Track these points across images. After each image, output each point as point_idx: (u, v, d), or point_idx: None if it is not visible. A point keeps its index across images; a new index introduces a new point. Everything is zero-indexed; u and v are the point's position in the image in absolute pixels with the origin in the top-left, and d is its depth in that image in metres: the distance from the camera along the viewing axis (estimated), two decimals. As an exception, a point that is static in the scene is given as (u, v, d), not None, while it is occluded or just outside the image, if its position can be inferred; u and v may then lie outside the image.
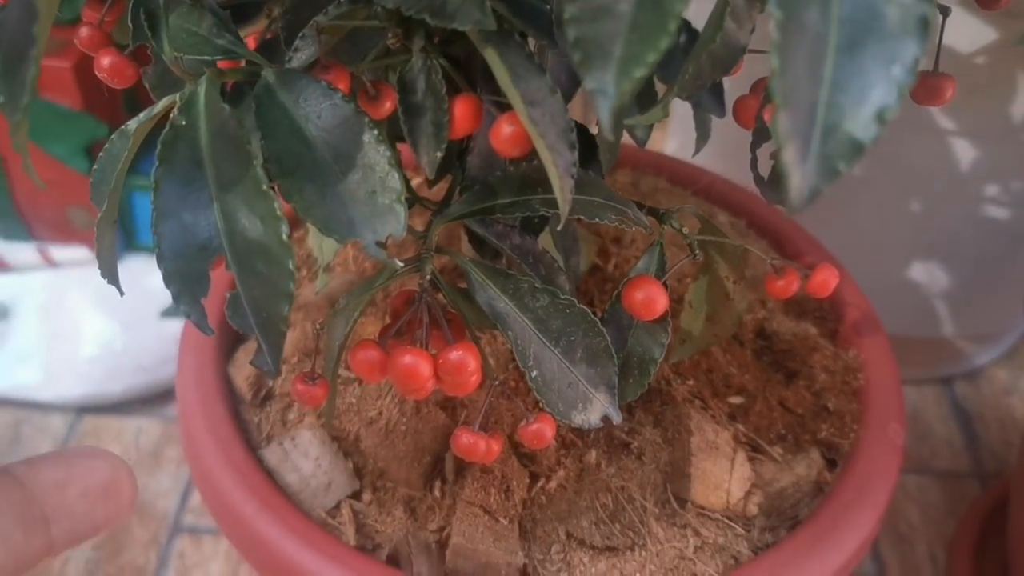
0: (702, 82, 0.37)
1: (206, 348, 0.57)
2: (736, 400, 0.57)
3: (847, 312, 0.63)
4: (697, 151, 0.60)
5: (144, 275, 0.90)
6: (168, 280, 0.32)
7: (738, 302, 0.50)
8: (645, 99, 0.48)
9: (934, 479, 0.96)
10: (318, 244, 0.56)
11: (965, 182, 0.83)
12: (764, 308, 0.63)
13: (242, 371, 0.57)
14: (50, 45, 0.89)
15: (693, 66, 0.35)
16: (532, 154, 0.37)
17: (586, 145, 0.48)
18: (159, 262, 0.32)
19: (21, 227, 0.95)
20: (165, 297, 0.92)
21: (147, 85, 0.41)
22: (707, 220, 0.46)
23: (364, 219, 0.34)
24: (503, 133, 0.34)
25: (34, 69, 0.28)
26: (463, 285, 0.47)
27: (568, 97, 0.43)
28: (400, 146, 0.40)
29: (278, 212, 0.32)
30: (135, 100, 0.93)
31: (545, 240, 0.47)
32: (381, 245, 0.34)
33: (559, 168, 0.34)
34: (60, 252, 0.95)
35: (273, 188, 0.33)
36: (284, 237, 0.32)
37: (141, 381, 0.93)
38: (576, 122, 0.37)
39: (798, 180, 0.25)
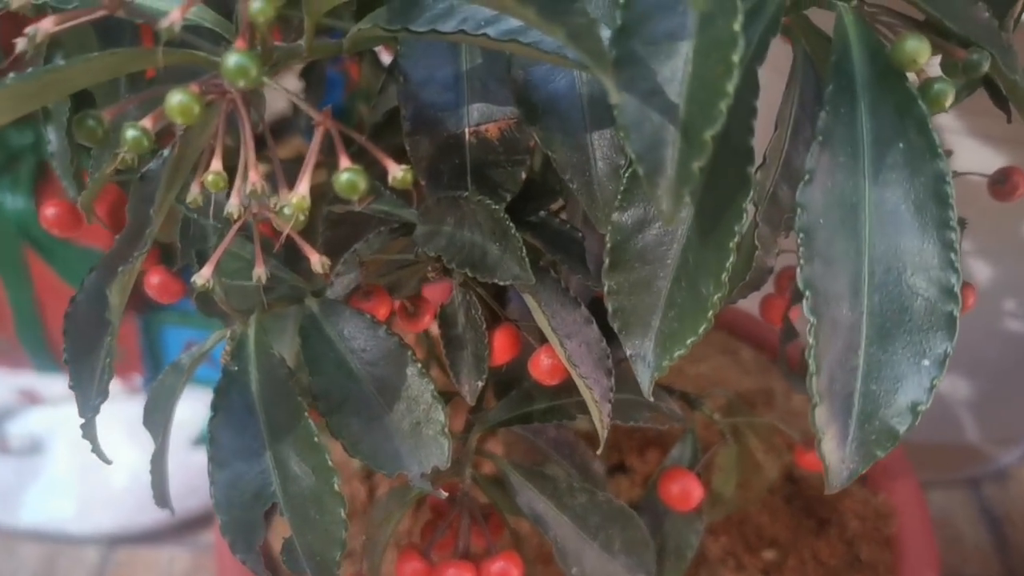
0: (732, 301, 0.38)
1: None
2: (769, 555, 0.57)
3: (875, 452, 0.64)
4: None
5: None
6: (225, 529, 0.33)
7: (768, 470, 0.51)
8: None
9: (967, 586, 0.96)
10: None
11: (984, 298, 0.84)
12: (791, 452, 0.64)
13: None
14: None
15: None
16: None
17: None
18: (216, 511, 0.33)
19: (53, 361, 0.97)
20: (193, 428, 0.93)
21: (194, 302, 0.43)
22: (735, 400, 0.47)
23: (410, 451, 0.35)
24: (542, 365, 0.36)
25: (106, 362, 0.29)
26: (493, 468, 0.47)
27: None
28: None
29: (329, 463, 0.33)
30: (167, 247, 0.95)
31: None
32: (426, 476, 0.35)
33: (597, 398, 0.35)
34: (91, 384, 0.96)
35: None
36: (336, 487, 0.33)
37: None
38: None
39: (837, 464, 0.26)
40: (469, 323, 0.36)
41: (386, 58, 0.58)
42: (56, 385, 0.97)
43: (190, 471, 0.95)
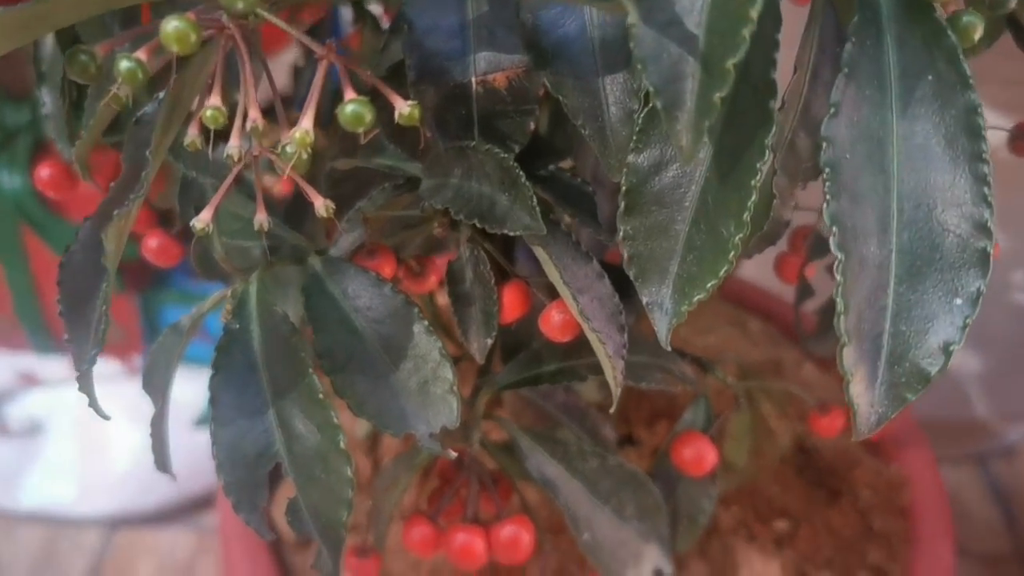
0: (747, 255, 0.37)
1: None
2: (781, 525, 0.56)
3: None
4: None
5: (176, 387, 0.90)
6: (228, 490, 0.32)
7: (782, 437, 0.50)
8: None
9: (975, 562, 0.95)
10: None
11: (992, 270, 0.83)
12: (802, 422, 0.63)
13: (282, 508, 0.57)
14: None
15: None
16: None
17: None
18: (219, 471, 0.32)
19: (51, 341, 0.96)
20: (196, 408, 0.92)
21: (193, 262, 0.42)
22: (748, 368, 0.46)
23: (417, 410, 0.34)
24: (553, 321, 0.35)
25: (102, 309, 0.28)
26: (501, 434, 0.46)
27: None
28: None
29: (335, 420, 0.32)
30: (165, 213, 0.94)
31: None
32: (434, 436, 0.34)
33: (610, 354, 0.34)
34: (97, 367, 0.95)
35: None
36: (342, 445, 0.32)
37: (174, 493, 0.93)
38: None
39: (865, 408, 0.25)
40: (477, 279, 0.35)
41: (386, 24, 0.57)
42: (55, 367, 0.96)
43: (192, 452, 0.94)
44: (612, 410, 0.35)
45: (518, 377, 0.41)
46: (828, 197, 0.24)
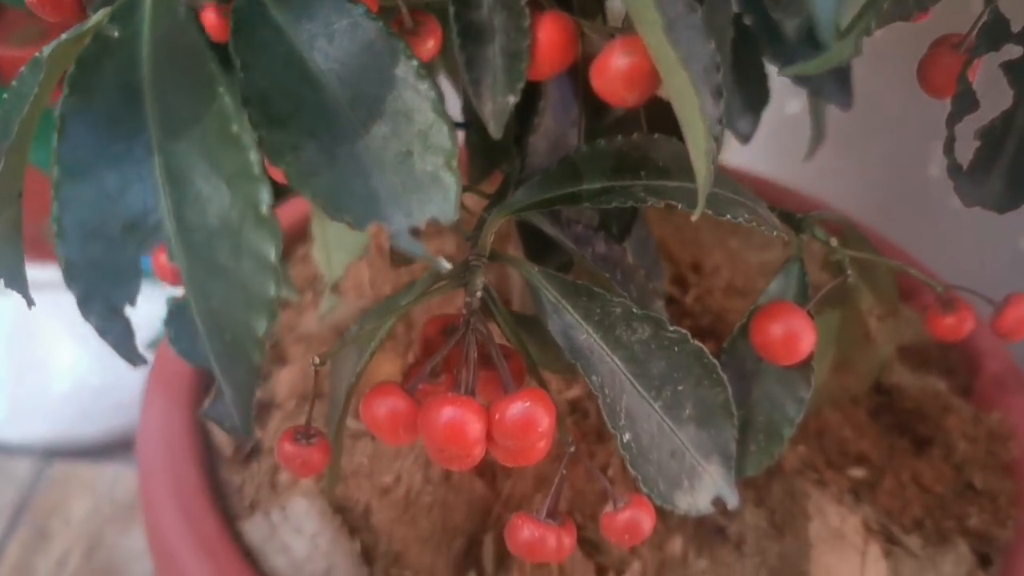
0: (901, 12, 0.25)
1: (177, 384, 0.45)
2: (858, 473, 0.44)
3: (983, 363, 0.51)
4: (811, 152, 0.48)
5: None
6: (71, 274, 0.20)
7: (882, 345, 0.37)
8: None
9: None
10: (325, 256, 0.43)
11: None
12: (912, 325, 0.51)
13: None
14: (29, 34, 0.78)
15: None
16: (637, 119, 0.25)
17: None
18: (58, 245, 0.20)
19: (-9, 242, 0.84)
20: (149, 329, 0.80)
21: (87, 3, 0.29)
22: (854, 229, 0.34)
23: (394, 193, 0.22)
24: (615, 66, 0.22)
25: None
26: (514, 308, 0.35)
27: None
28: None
29: (255, 169, 0.19)
30: None
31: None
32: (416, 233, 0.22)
33: (705, 120, 0.21)
34: (34, 272, 0.83)
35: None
36: (263, 210, 0.19)
37: (119, 422, 0.81)
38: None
39: None
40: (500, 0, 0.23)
41: None
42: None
43: (144, 376, 0.82)
44: (695, 216, 0.23)
45: (547, 196, 0.28)
46: None
